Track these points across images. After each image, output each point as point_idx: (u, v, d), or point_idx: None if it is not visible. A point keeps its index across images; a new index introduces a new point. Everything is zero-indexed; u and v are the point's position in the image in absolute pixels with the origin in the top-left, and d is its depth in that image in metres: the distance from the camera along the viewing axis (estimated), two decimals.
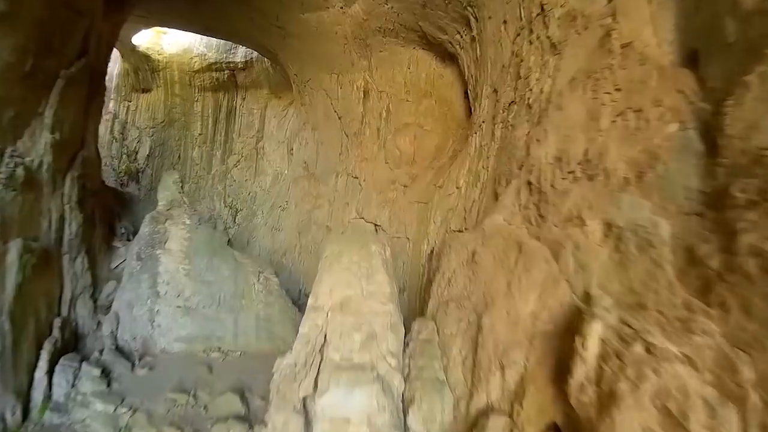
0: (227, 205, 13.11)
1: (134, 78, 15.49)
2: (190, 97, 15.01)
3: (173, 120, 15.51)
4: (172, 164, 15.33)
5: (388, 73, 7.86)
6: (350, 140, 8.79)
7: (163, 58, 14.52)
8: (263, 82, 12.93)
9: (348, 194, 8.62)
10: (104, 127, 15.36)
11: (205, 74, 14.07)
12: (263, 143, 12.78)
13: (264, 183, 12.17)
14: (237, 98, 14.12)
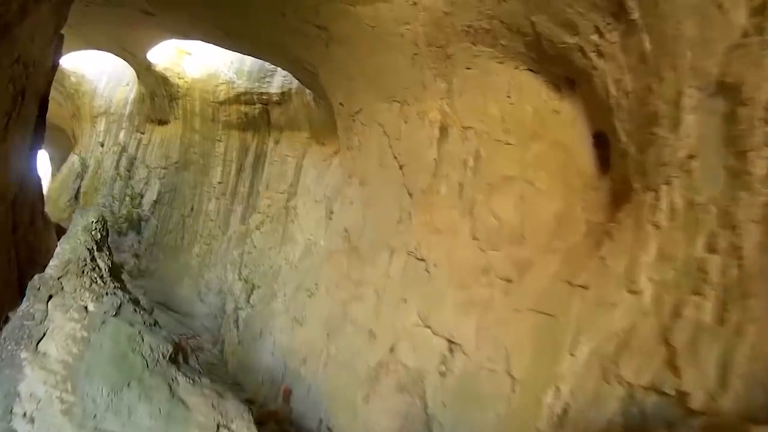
0: (242, 278, 13.02)
1: (150, 106, 16.51)
2: (212, 135, 15.57)
3: (189, 161, 16.17)
4: (182, 216, 15.94)
5: (476, 102, 7.06)
6: (415, 201, 7.99)
7: (184, 84, 15.28)
8: (302, 121, 13.06)
9: (407, 285, 7.63)
10: (110, 161, 17.05)
11: (232, 107, 14.53)
12: (296, 201, 12.65)
13: (291, 254, 11.85)
14: (269, 141, 14.40)
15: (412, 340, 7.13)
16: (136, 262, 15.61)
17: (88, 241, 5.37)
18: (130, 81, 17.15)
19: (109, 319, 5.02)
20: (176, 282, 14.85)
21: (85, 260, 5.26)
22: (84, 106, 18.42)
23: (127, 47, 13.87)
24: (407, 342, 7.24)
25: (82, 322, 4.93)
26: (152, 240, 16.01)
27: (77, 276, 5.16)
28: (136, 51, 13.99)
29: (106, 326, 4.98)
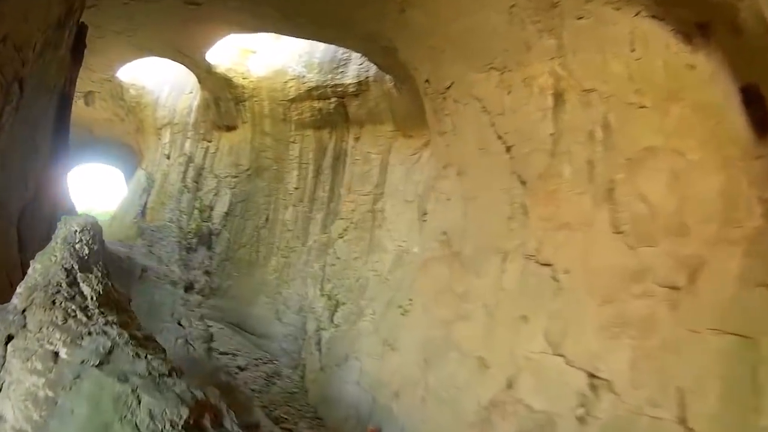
0: (325, 293, 13.06)
1: (215, 111, 16.93)
2: (285, 137, 15.83)
3: (262, 168, 16.42)
4: (257, 227, 16.18)
5: (595, 60, 6.42)
6: (530, 190, 7.36)
7: (250, 84, 15.57)
8: (384, 113, 12.99)
9: (527, 299, 6.95)
10: (176, 173, 17.62)
11: (305, 104, 14.69)
12: (383, 203, 12.59)
13: (380, 265, 11.73)
14: (348, 138, 14.47)
15: (538, 373, 6.45)
16: (208, 280, 15.84)
17: (66, 258, 4.18)
18: (194, 88, 17.77)
19: (87, 372, 3.68)
20: (252, 300, 15.09)
21: (59, 285, 4.05)
22: (147, 119, 19.28)
23: (182, 49, 14.30)
24: (530, 375, 6.56)
25: (47, 375, 3.62)
26: (224, 255, 16.21)
27: (46, 308, 3.93)
28: (193, 53, 14.37)
29: (81, 382, 3.62)
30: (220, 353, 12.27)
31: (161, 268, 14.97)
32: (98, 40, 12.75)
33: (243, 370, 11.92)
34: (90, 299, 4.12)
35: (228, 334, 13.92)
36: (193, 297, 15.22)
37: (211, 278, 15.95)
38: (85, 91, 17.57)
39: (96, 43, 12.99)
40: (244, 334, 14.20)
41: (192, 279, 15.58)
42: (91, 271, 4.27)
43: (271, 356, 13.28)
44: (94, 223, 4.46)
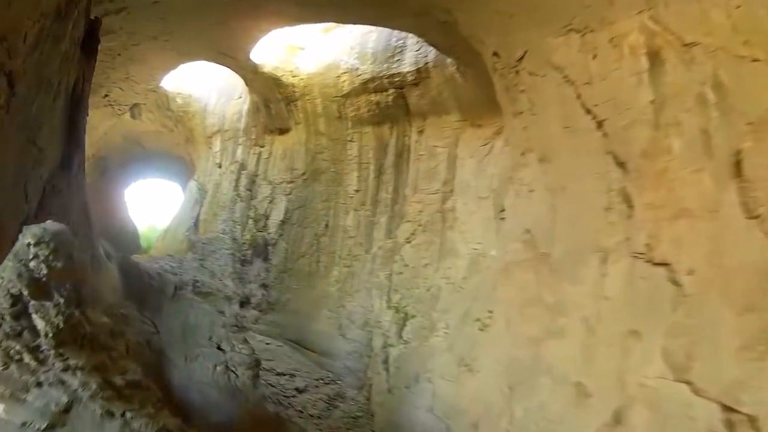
0: (392, 305, 12.65)
1: (266, 114, 17.14)
2: (342, 136, 15.72)
3: (318, 171, 16.41)
4: (316, 236, 16.15)
5: (692, 9, 5.73)
6: (632, 172, 6.55)
7: (300, 82, 15.64)
8: (449, 101, 12.69)
9: (638, 309, 6.04)
10: (228, 182, 17.91)
11: (360, 99, 14.54)
12: (453, 202, 12.17)
13: (453, 271, 11.25)
14: (410, 132, 14.22)
15: (654, 404, 5.50)
16: (265, 294, 15.91)
17: (13, 281, 3.34)
18: (242, 92, 18.02)
19: None
20: (313, 315, 14.97)
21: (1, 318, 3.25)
22: (196, 128, 19.72)
23: (224, 50, 14.40)
24: (644, 406, 5.61)
25: None
26: (282, 267, 16.25)
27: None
28: (236, 53, 14.45)
29: None
30: (276, 374, 12.15)
31: (214, 282, 15.47)
32: (134, 48, 13.18)
33: (302, 393, 11.73)
34: (44, 336, 3.25)
35: (287, 352, 13.83)
36: (249, 313, 15.58)
37: (268, 292, 16.04)
38: (131, 104, 18.12)
39: (133, 52, 13.48)
40: (305, 351, 14.10)
41: (248, 293, 15.83)
42: (49, 298, 3.39)
43: (333, 376, 13.10)
44: (58, 233, 3.64)
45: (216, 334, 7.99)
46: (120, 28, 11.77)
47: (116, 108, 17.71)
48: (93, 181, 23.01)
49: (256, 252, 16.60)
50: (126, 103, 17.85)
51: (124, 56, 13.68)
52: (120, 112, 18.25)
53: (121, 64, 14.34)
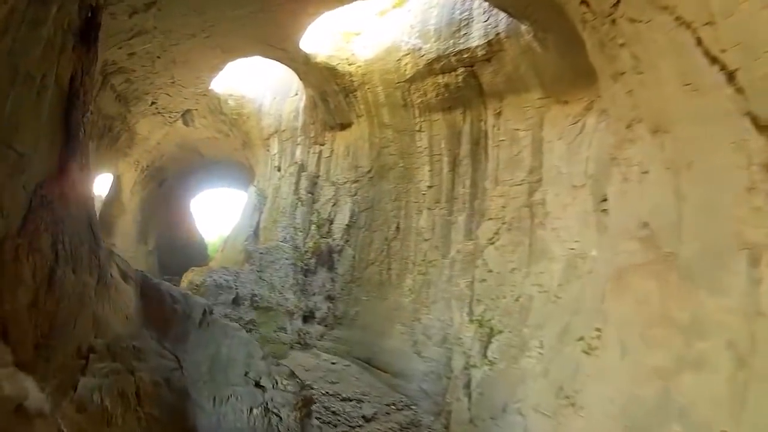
0: (474, 318, 11.99)
1: (324, 109, 16.96)
2: (409, 126, 15.22)
3: (385, 167, 16.04)
4: (386, 240, 15.77)
5: None
6: None
7: (358, 70, 15.29)
8: (528, 76, 12.03)
9: None
10: (288, 185, 17.75)
11: (427, 82, 13.99)
12: (542, 193, 11.38)
13: (546, 277, 10.50)
14: (486, 116, 13.55)
15: None
16: (331, 307, 15.60)
17: None
18: (298, 89, 17.94)
19: None
20: (384, 330, 14.37)
21: None
22: (252, 130, 19.74)
23: (271, 41, 14.10)
24: None
25: None
26: (349, 276, 15.91)
27: None
28: (284, 43, 14.16)
29: None
30: (341, 399, 11.67)
31: (273, 296, 15.06)
32: (174, 48, 13.02)
33: (370, 421, 11.28)
34: None
35: (354, 372, 13.37)
36: (313, 328, 15.22)
37: (334, 305, 15.79)
38: (182, 110, 18.30)
39: (173, 53, 13.34)
40: (375, 372, 13.59)
41: (311, 307, 15.52)
42: None
43: (407, 401, 12.51)
44: None
45: (254, 369, 7.10)
46: (154, 28, 11.62)
47: (166, 116, 17.93)
48: (150, 192, 23.97)
49: (320, 261, 16.32)
50: (176, 109, 17.97)
51: (164, 58, 13.62)
52: (171, 120, 18.41)
53: (164, 68, 14.29)
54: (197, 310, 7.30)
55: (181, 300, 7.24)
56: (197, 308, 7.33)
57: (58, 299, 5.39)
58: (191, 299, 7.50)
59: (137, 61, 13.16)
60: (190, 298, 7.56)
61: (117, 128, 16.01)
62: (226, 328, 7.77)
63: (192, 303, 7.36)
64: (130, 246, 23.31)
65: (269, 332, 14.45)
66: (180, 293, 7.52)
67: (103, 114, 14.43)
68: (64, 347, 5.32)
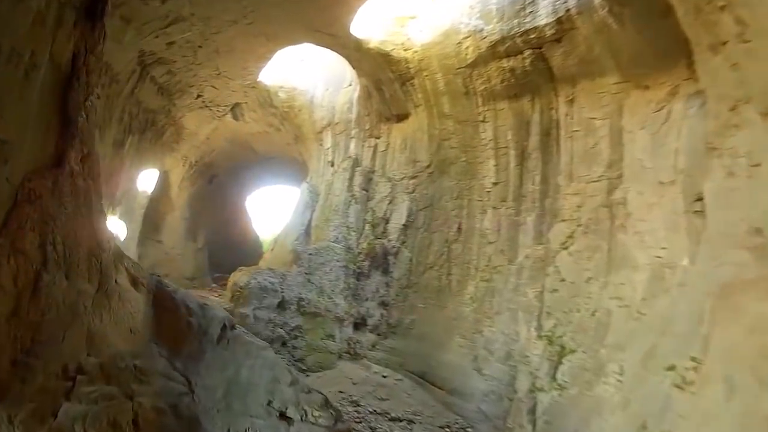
0: (543, 334, 11.40)
1: (379, 99, 16.66)
2: (472, 116, 14.70)
3: (446, 161, 15.67)
4: (446, 242, 15.39)
5: None
6: None
7: (414, 56, 14.88)
8: (603, 57, 11.37)
9: None
10: (341, 181, 17.51)
11: (490, 67, 13.43)
12: (624, 191, 10.68)
13: (628, 289, 9.80)
14: (557, 103, 12.94)
15: None
16: (384, 314, 15.26)
17: None
18: (352, 79, 17.74)
19: None
20: (442, 342, 13.85)
21: None
22: (304, 124, 19.69)
23: (318, 26, 13.91)
24: None
25: None
26: (405, 281, 15.52)
27: None
28: (333, 27, 13.95)
29: None
30: (390, 419, 11.29)
31: (322, 300, 14.77)
32: (216, 36, 12.88)
33: None
34: None
35: (407, 388, 12.93)
36: (364, 337, 14.93)
37: (388, 312, 15.48)
38: (230, 104, 18.35)
39: (216, 42, 13.23)
40: (430, 388, 13.10)
41: (363, 313, 15.25)
42: None
43: (463, 422, 12.05)
44: None
45: (279, 396, 6.45)
46: (191, 14, 11.46)
47: (214, 110, 18.13)
48: (199, 189, 24.31)
49: (374, 263, 15.97)
50: (224, 103, 18.03)
51: (207, 48, 13.50)
52: (220, 114, 18.62)
53: (207, 58, 14.21)
54: (215, 324, 6.74)
55: (198, 312, 6.71)
56: (215, 322, 6.77)
57: (44, 309, 4.96)
58: (209, 311, 6.94)
59: (177, 51, 13.19)
60: (209, 310, 7.00)
61: (161, 122, 16.19)
62: (249, 346, 7.16)
63: (210, 316, 6.80)
64: (178, 243, 24.10)
65: (316, 340, 14.17)
66: (197, 304, 6.98)
67: (144, 107, 14.59)
68: (47, 366, 4.84)
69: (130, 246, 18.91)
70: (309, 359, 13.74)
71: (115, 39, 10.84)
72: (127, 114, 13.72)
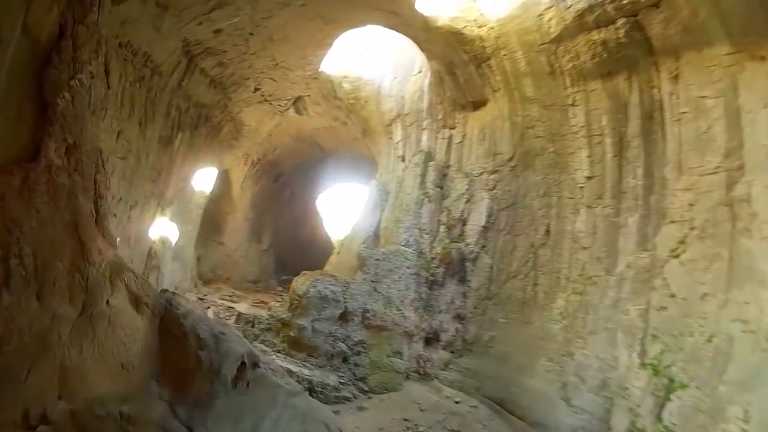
0: (647, 362, 10.46)
1: (452, 85, 16.39)
2: (559, 100, 14.09)
3: (531, 153, 15.10)
4: (532, 246, 14.96)
5: None
6: None
7: (490, 33, 14.49)
8: (710, 24, 10.52)
9: None
10: (413, 177, 17.20)
11: (578, 41, 12.74)
12: (747, 185, 9.63)
13: (754, 310, 8.75)
14: (660, 80, 11.93)
15: None
16: (460, 329, 14.75)
17: None
18: (422, 65, 17.63)
19: None
20: (525, 364, 13.17)
21: None
22: (371, 116, 19.60)
23: (379, 4, 13.81)
24: None
25: None
26: (484, 291, 14.95)
27: None
28: (396, 5, 13.78)
29: None
30: None
31: (389, 312, 14.44)
32: (267, 22, 12.75)
33: None
34: None
35: (482, 417, 12.34)
36: (436, 354, 14.68)
37: (464, 326, 15.13)
38: (292, 97, 18.42)
39: (268, 27, 13.15)
40: (509, 418, 12.41)
41: (436, 328, 14.99)
42: None
43: None
44: None
45: None
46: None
47: (275, 104, 18.45)
48: (263, 188, 24.84)
49: (450, 270, 15.46)
50: (285, 96, 18.05)
51: (259, 35, 13.34)
52: (281, 109, 18.86)
53: (261, 47, 14.07)
54: (230, 361, 5.81)
55: (210, 344, 5.82)
56: (231, 359, 5.84)
57: (4, 338, 4.40)
58: (224, 344, 5.98)
59: (226, 39, 13.25)
60: (224, 341, 6.02)
61: (216, 118, 16.51)
62: (274, 391, 6.21)
63: (224, 350, 5.85)
64: (242, 245, 24.84)
65: (381, 357, 13.78)
66: (211, 333, 6.06)
67: (195, 102, 14.75)
68: (2, 412, 4.26)
69: (186, 248, 19.40)
70: (372, 378, 13.33)
71: (152, 26, 10.76)
72: (174, 109, 13.85)
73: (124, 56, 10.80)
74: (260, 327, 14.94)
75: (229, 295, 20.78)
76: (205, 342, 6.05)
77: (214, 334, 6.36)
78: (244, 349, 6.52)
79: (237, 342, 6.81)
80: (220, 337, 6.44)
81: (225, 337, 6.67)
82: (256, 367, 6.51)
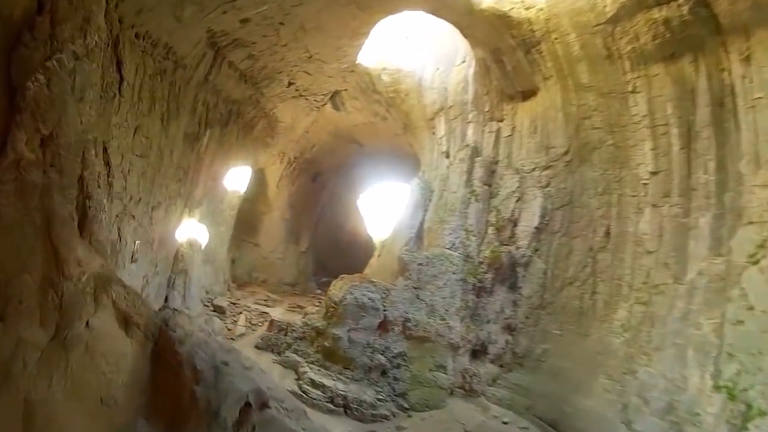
0: (722, 383, 10.11)
1: (499, 74, 16.28)
2: (618, 86, 13.69)
3: (588, 146, 14.86)
4: (590, 250, 14.83)
5: None
6: None
7: (540, 15, 14.09)
8: None
9: None
10: (458, 174, 17.04)
11: (637, 20, 12.64)
12: None
13: None
14: (730, 63, 11.81)
15: None
16: (510, 341, 14.59)
17: None
18: (466, 54, 17.39)
19: None
20: (582, 382, 12.83)
21: None
22: (413, 110, 19.43)
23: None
24: None
25: None
26: (538, 300, 14.78)
27: None
28: None
29: None
30: None
31: (433, 322, 14.24)
32: (298, 10, 12.58)
33: None
34: None
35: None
36: (483, 368, 14.52)
37: (514, 338, 15.02)
38: (329, 92, 18.29)
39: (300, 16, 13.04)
40: None
41: (483, 339, 14.92)
42: None
43: None
44: None
45: None
46: None
47: (311, 99, 18.27)
48: (301, 187, 25.01)
49: (499, 276, 15.30)
50: (321, 91, 17.93)
51: (289, 25, 13.12)
52: (318, 104, 18.71)
53: (293, 38, 13.90)
54: (232, 401, 5.14)
55: (208, 378, 5.12)
56: (232, 399, 5.17)
57: None
58: (226, 379, 5.20)
59: (255, 30, 13.12)
60: (225, 376, 5.23)
61: (249, 114, 16.45)
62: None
63: (225, 387, 5.10)
64: (279, 246, 25.03)
65: (423, 371, 13.58)
66: (211, 364, 5.29)
67: (224, 97, 14.64)
68: None
69: (218, 250, 19.45)
70: (413, 395, 13.08)
71: (172, 15, 10.64)
72: (201, 104, 13.74)
73: (142, 47, 10.60)
74: (293, 335, 14.87)
75: (264, 299, 20.89)
76: (203, 375, 5.34)
77: (215, 366, 5.63)
78: (249, 386, 5.68)
79: (241, 377, 6.22)
80: (221, 369, 5.72)
81: (227, 369, 6.06)
82: (265, 408, 5.76)
